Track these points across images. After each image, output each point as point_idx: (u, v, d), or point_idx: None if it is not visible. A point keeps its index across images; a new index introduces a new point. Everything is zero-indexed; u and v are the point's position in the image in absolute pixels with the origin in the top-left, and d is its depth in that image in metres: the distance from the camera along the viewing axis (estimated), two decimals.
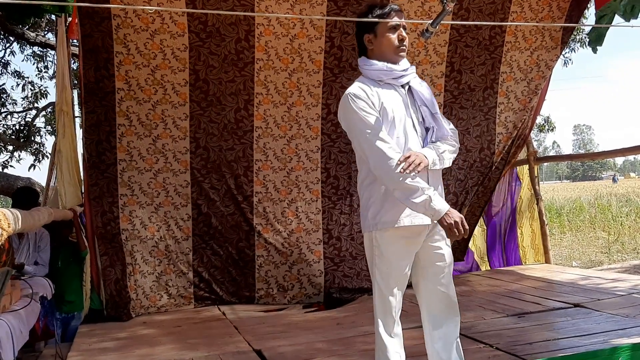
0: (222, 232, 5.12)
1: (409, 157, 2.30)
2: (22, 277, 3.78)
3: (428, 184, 2.38)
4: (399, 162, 2.28)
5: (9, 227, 2.22)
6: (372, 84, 2.48)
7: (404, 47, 2.50)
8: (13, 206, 4.56)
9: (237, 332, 4.19)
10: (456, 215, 2.28)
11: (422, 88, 2.54)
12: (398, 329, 2.53)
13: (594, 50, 5.00)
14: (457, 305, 2.58)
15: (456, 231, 2.26)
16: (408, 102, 2.50)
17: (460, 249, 6.03)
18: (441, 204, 2.29)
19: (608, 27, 4.95)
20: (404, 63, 2.53)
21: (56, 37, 4.64)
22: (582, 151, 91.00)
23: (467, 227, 2.29)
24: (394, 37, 2.48)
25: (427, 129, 2.48)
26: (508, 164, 6.03)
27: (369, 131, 2.37)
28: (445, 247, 2.53)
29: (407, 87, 2.52)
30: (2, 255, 3.65)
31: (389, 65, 2.48)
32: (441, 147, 2.49)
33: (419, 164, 2.30)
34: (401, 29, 2.49)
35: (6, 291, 3.14)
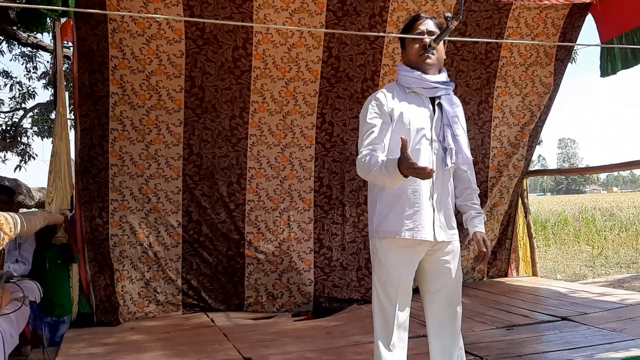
0: (212, 239, 5.09)
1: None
2: (12, 280, 3.73)
3: (433, 190, 2.41)
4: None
5: (10, 231, 2.19)
6: (399, 90, 2.48)
7: (427, 54, 2.43)
8: None
9: (227, 339, 4.16)
10: (409, 163, 2.11)
11: (452, 107, 2.48)
12: (400, 343, 2.45)
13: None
14: (460, 323, 2.54)
15: (420, 172, 2.09)
16: (434, 117, 2.45)
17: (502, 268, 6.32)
18: (394, 162, 2.17)
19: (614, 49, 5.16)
20: (442, 76, 2.49)
21: (54, 39, 4.59)
22: (566, 165, 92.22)
23: (427, 169, 2.07)
24: (416, 44, 2.46)
25: (445, 149, 2.43)
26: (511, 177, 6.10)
27: (369, 133, 2.41)
28: (453, 262, 2.50)
29: (437, 102, 2.47)
30: None
31: (421, 74, 2.44)
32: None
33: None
34: (425, 35, 2.45)
35: None
